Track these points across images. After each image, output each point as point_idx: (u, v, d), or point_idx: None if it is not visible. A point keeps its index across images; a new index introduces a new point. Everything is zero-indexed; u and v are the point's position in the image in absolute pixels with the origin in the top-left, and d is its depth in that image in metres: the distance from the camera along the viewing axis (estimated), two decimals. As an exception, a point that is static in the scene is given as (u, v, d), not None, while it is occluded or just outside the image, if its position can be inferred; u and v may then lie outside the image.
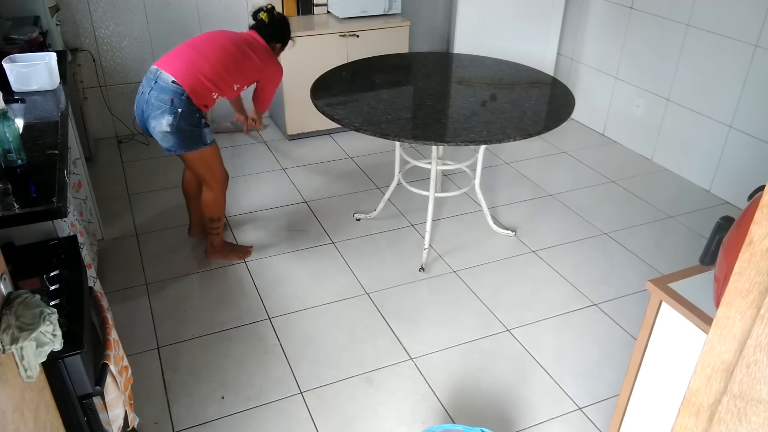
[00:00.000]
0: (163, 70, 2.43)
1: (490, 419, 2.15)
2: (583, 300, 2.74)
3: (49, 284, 1.48)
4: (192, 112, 2.44)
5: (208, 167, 2.62)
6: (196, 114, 2.46)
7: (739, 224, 1.27)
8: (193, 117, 2.45)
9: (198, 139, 2.50)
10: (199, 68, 2.45)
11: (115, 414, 1.52)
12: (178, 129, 2.43)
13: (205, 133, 2.52)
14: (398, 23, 4.06)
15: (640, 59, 3.91)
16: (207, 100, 2.50)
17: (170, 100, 2.39)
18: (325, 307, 2.66)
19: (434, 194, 2.97)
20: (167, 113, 2.40)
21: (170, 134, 2.44)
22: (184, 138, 2.46)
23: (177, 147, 2.49)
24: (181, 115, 2.41)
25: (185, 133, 2.45)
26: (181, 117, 2.42)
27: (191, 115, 2.44)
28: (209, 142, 2.55)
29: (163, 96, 2.40)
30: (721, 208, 3.47)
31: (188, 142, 2.48)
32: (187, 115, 2.43)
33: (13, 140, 1.69)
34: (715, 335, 0.82)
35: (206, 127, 2.53)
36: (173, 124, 2.42)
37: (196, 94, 2.43)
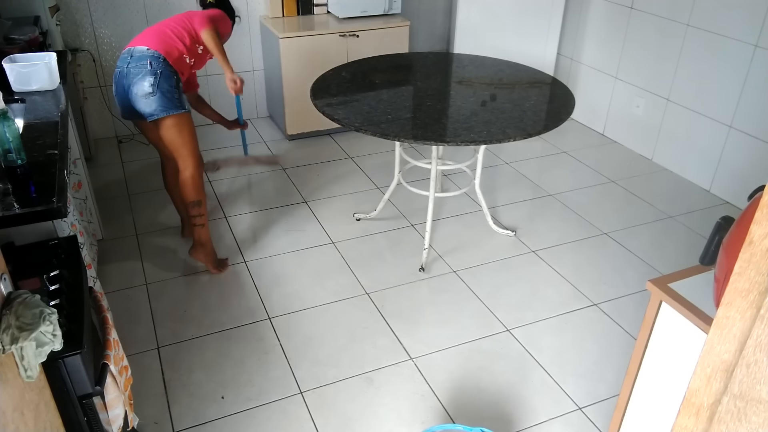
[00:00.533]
0: (136, 46, 2.55)
1: (490, 419, 2.15)
2: (583, 300, 2.74)
3: (49, 284, 1.48)
4: (170, 73, 2.53)
5: (183, 137, 2.61)
6: (174, 76, 2.55)
7: (739, 224, 1.27)
8: (172, 79, 2.54)
9: (177, 102, 2.55)
10: (168, 35, 2.58)
11: (115, 414, 1.52)
12: (160, 89, 2.50)
13: (183, 98, 2.60)
14: (398, 23, 4.06)
15: (640, 59, 3.91)
16: (181, 64, 2.60)
17: (149, 63, 2.49)
18: (325, 307, 2.66)
19: (434, 194, 2.97)
20: (148, 74, 2.48)
21: (152, 96, 2.49)
22: (165, 99, 2.51)
23: (159, 109, 2.52)
24: (161, 75, 2.50)
25: (166, 94, 2.51)
26: (161, 77, 2.50)
27: (170, 77, 2.53)
28: (186, 108, 2.61)
29: (142, 62, 2.49)
30: (721, 208, 3.47)
31: (169, 104, 2.53)
32: (167, 77, 2.51)
33: (13, 140, 1.69)
34: (715, 335, 0.82)
35: (183, 93, 2.61)
36: (154, 83, 2.48)
37: (171, 56, 2.55)
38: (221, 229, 3.18)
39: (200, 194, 2.71)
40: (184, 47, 2.61)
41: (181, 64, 2.61)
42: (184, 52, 2.61)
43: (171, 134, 2.60)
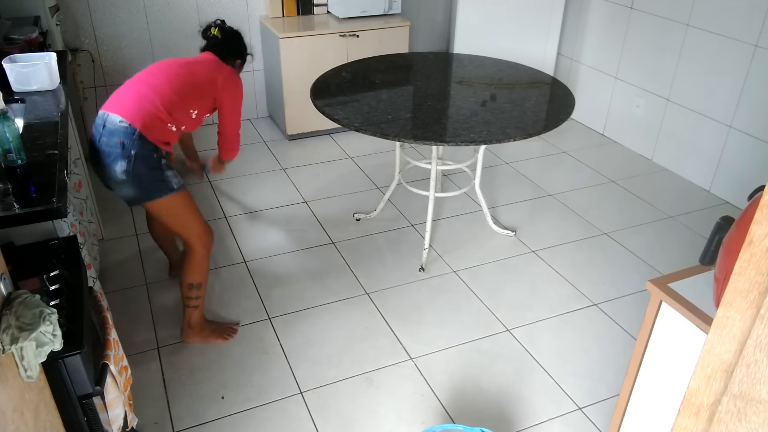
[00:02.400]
0: (110, 112, 2.10)
1: (490, 419, 2.15)
2: (583, 300, 2.73)
3: (49, 284, 1.48)
4: (149, 152, 2.09)
5: (179, 219, 2.23)
6: (154, 154, 2.10)
7: (739, 224, 1.27)
8: (151, 158, 2.09)
9: (161, 184, 2.12)
10: (149, 100, 2.11)
11: (115, 414, 1.52)
12: (135, 175, 2.07)
13: (168, 177, 2.14)
14: (398, 23, 4.06)
15: (640, 59, 3.91)
16: (165, 134, 2.15)
17: (120, 143, 2.05)
18: (325, 307, 2.66)
19: (434, 194, 2.97)
20: (119, 158, 2.06)
21: (127, 182, 2.08)
22: (143, 184, 2.10)
23: (138, 196, 2.13)
24: (135, 157, 2.06)
25: (144, 179, 2.09)
26: (137, 160, 2.06)
27: (148, 157, 2.09)
28: (176, 187, 2.15)
29: (113, 140, 2.06)
30: (721, 208, 3.47)
31: (150, 189, 2.12)
32: (143, 158, 2.07)
33: (13, 140, 1.69)
34: (715, 335, 0.82)
35: (170, 170, 2.16)
36: (128, 170, 2.06)
37: (150, 130, 2.09)
38: (222, 229, 3.18)
39: (202, 277, 2.32)
40: (169, 117, 2.15)
41: (165, 135, 2.16)
42: (168, 122, 2.15)
43: (163, 217, 2.24)
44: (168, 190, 2.14)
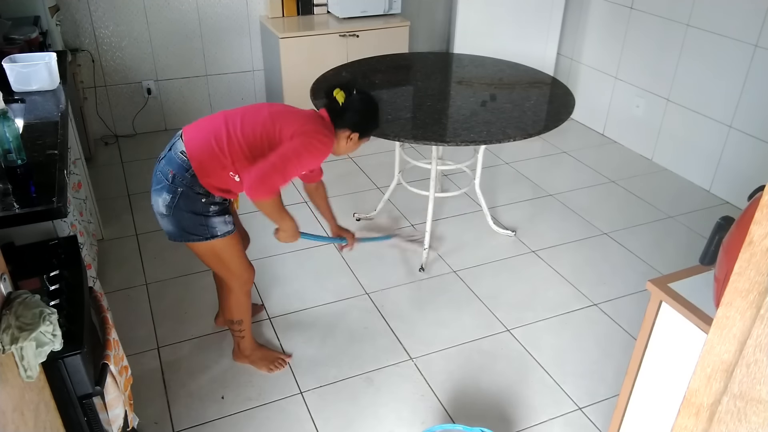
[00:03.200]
0: (183, 137, 1.94)
1: (490, 419, 2.15)
2: (583, 300, 2.73)
3: (49, 284, 1.48)
4: (195, 195, 1.90)
5: (220, 263, 2.08)
6: (202, 199, 1.91)
7: (739, 224, 1.27)
8: (197, 202, 1.91)
9: (202, 229, 1.95)
10: (218, 141, 1.89)
11: (115, 414, 1.52)
12: (175, 213, 1.92)
13: (213, 224, 1.95)
14: (398, 23, 4.06)
15: (640, 59, 3.91)
16: (223, 181, 1.92)
17: (172, 175, 1.89)
18: (325, 307, 2.66)
19: (434, 194, 2.97)
20: (165, 191, 1.91)
21: (167, 217, 1.94)
22: (182, 225, 1.94)
23: (175, 234, 1.98)
24: (180, 195, 1.89)
25: (184, 220, 1.93)
26: (181, 198, 1.90)
27: (194, 200, 1.90)
28: (219, 234, 1.97)
29: (166, 169, 1.91)
30: (721, 208, 3.47)
31: (188, 231, 1.96)
32: (187, 198, 1.90)
33: (13, 140, 1.69)
34: (715, 335, 0.82)
35: (217, 216, 1.96)
36: (170, 205, 1.91)
37: (206, 173, 1.88)
38: (221, 229, 3.18)
39: (241, 314, 2.23)
40: (231, 165, 1.89)
41: (224, 182, 1.92)
42: (229, 170, 1.90)
43: (201, 258, 2.09)
44: (208, 237, 1.96)
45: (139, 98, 4.09)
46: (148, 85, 4.07)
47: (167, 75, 4.09)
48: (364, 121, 2.03)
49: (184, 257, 2.95)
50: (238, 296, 2.17)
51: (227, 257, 2.06)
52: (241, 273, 2.12)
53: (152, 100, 4.13)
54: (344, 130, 2.01)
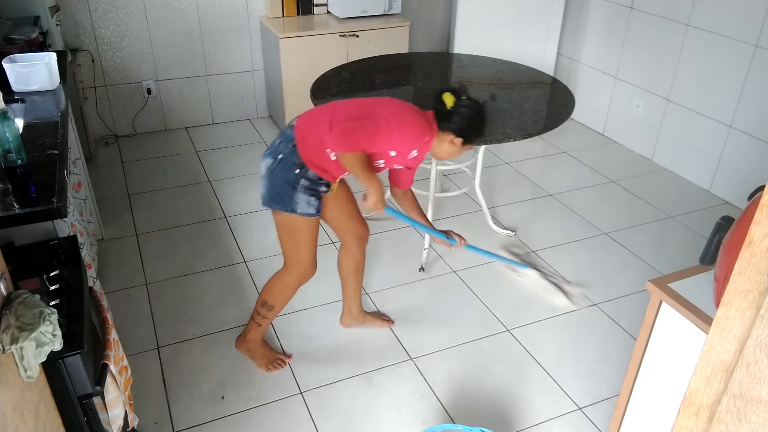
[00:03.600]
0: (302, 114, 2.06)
1: (490, 419, 2.15)
2: (583, 300, 2.73)
3: (49, 284, 1.48)
4: (291, 165, 1.97)
5: (289, 240, 2.13)
6: (296, 170, 1.97)
7: (739, 224, 1.27)
8: (290, 171, 1.97)
9: (287, 200, 2.00)
10: (323, 116, 1.98)
11: (115, 414, 1.53)
12: (270, 176, 2.00)
13: (297, 198, 2.00)
14: (398, 23, 4.05)
15: (640, 59, 3.91)
16: (321, 159, 1.97)
17: (278, 142, 2.02)
18: (325, 307, 2.66)
19: (434, 194, 2.97)
20: (269, 155, 2.02)
21: (263, 179, 2.03)
22: (272, 190, 2.02)
23: (265, 197, 2.05)
24: (279, 162, 1.98)
25: (275, 186, 2.00)
26: (279, 164, 1.98)
27: (289, 169, 1.97)
28: (300, 212, 2.01)
29: (278, 138, 2.05)
30: (721, 208, 3.47)
31: (275, 198, 2.02)
32: (284, 166, 1.98)
33: (13, 140, 1.69)
34: (715, 335, 0.82)
35: (304, 193, 1.99)
36: (269, 167, 2.00)
37: (306, 146, 1.96)
38: (222, 229, 3.18)
39: (278, 302, 2.25)
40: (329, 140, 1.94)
41: (322, 160, 1.98)
42: (327, 147, 1.96)
43: (277, 230, 2.14)
44: (290, 210, 2.02)
45: (139, 98, 4.09)
46: (148, 85, 4.07)
47: (167, 75, 4.09)
48: (469, 127, 2.00)
49: (184, 257, 2.95)
50: (287, 283, 2.21)
51: (299, 238, 2.10)
52: (304, 260, 2.16)
53: (152, 100, 4.13)
54: (447, 134, 2.00)
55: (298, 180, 1.98)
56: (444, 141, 2.01)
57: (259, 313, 2.27)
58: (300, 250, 2.14)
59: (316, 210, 2.05)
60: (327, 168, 2.00)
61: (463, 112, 1.97)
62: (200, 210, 3.34)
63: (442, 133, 2.00)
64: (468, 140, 2.03)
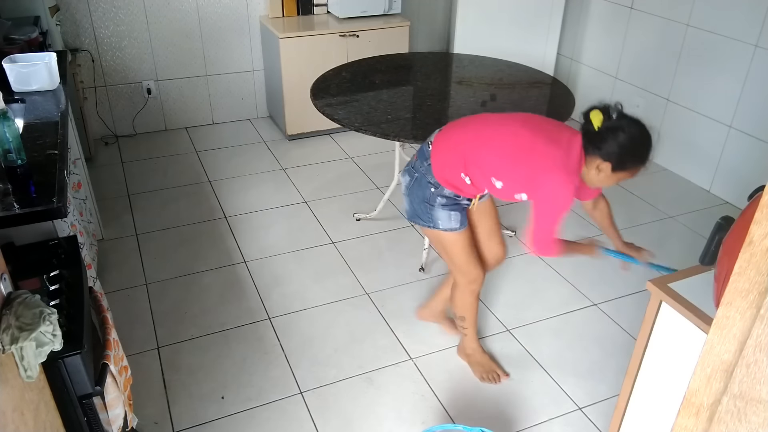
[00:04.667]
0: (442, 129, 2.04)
1: (490, 419, 2.15)
2: (583, 300, 2.73)
3: (49, 284, 1.48)
4: (426, 184, 1.98)
5: (444, 254, 2.15)
6: (431, 189, 1.98)
7: (739, 224, 1.27)
8: (426, 190, 1.99)
9: (426, 216, 2.03)
10: (461, 141, 1.93)
11: (115, 414, 1.52)
12: (410, 194, 2.06)
13: (437, 215, 2.01)
14: (398, 23, 4.06)
15: (640, 59, 3.91)
16: (453, 177, 1.94)
17: (415, 160, 2.04)
18: (325, 307, 2.66)
19: (434, 194, 2.97)
20: (407, 172, 2.06)
21: (405, 196, 2.09)
22: (412, 206, 2.07)
23: (409, 213, 2.10)
24: (415, 182, 2.02)
25: (415, 203, 2.05)
26: (415, 184, 2.02)
27: (424, 187, 1.99)
28: (442, 228, 2.02)
29: (416, 153, 2.07)
30: (721, 208, 3.47)
31: (418, 214, 2.06)
32: (419, 184, 2.00)
33: (13, 140, 1.69)
34: (715, 335, 0.82)
35: (443, 210, 2.00)
36: (408, 186, 2.05)
37: (440, 167, 1.95)
38: (222, 229, 3.18)
39: (464, 311, 2.25)
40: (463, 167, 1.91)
41: (455, 181, 1.95)
42: (461, 170, 1.92)
43: (431, 241, 2.19)
44: (432, 226, 2.04)
45: (139, 98, 4.09)
46: (148, 85, 4.07)
47: (167, 75, 4.10)
48: (621, 151, 1.73)
49: (184, 257, 2.95)
50: (463, 292, 2.19)
51: (451, 252, 2.09)
52: (467, 270, 2.13)
53: (152, 100, 4.13)
54: (594, 159, 1.77)
55: (434, 198, 1.99)
56: (591, 166, 1.80)
57: (458, 324, 2.32)
58: (457, 261, 2.12)
59: (459, 224, 2.03)
60: (460, 188, 1.97)
61: (613, 135, 1.73)
62: (200, 210, 3.34)
63: (590, 157, 1.78)
64: (619, 166, 1.75)
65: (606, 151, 1.74)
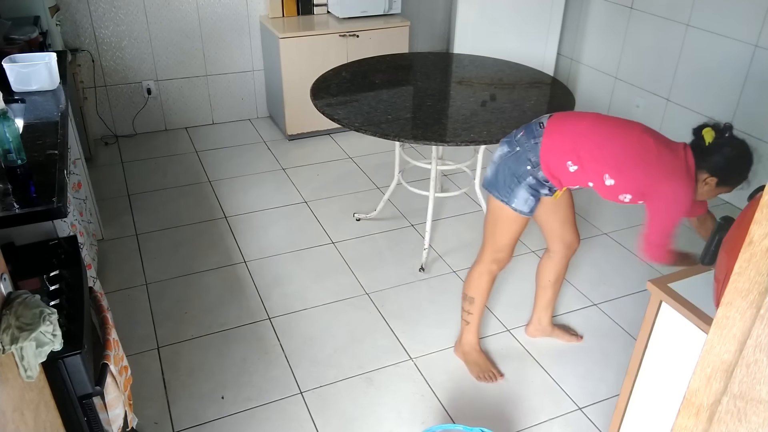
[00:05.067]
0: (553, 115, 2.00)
1: (490, 419, 2.15)
2: (583, 300, 2.73)
3: (49, 284, 1.48)
4: (526, 160, 1.95)
5: (493, 227, 2.13)
6: (527, 166, 1.95)
7: (739, 224, 1.28)
8: (522, 166, 1.96)
9: (506, 190, 2.00)
10: (578, 131, 1.93)
11: (115, 414, 1.52)
12: (501, 164, 2.01)
13: (516, 193, 1.99)
14: (398, 23, 4.06)
15: (640, 59, 3.91)
16: (557, 166, 1.93)
17: (521, 134, 1.99)
18: (325, 307, 2.66)
19: (434, 194, 2.97)
20: (507, 143, 2.02)
21: (494, 164, 2.04)
22: (497, 176, 2.02)
23: (489, 181, 2.06)
24: (514, 153, 1.97)
25: (501, 173, 2.01)
26: (513, 155, 1.97)
27: (522, 163, 1.96)
28: (514, 206, 2.01)
29: (520, 129, 2.02)
30: (721, 208, 3.47)
31: (497, 185, 2.02)
32: (517, 159, 1.97)
33: (13, 140, 1.69)
34: (715, 335, 0.82)
35: (525, 190, 1.98)
36: (502, 155, 2.01)
37: (548, 149, 1.92)
38: (221, 229, 3.18)
39: (476, 292, 2.25)
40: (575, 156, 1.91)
41: (558, 167, 1.94)
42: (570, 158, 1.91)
43: (487, 213, 2.15)
44: (506, 201, 2.02)
45: (139, 98, 4.09)
46: (148, 85, 4.07)
47: (167, 75, 4.10)
48: (728, 167, 1.87)
49: (184, 257, 2.95)
50: (481, 269, 2.20)
51: (504, 228, 2.10)
52: (502, 248, 2.14)
53: (152, 100, 4.13)
54: (702, 172, 1.89)
55: (526, 176, 1.97)
56: (699, 181, 1.91)
57: (464, 308, 2.30)
58: (499, 238, 2.13)
59: (530, 210, 2.03)
60: (560, 177, 1.96)
61: (724, 152, 1.85)
62: (200, 210, 3.34)
63: (698, 171, 1.90)
64: (724, 182, 1.89)
65: (714, 165, 1.87)
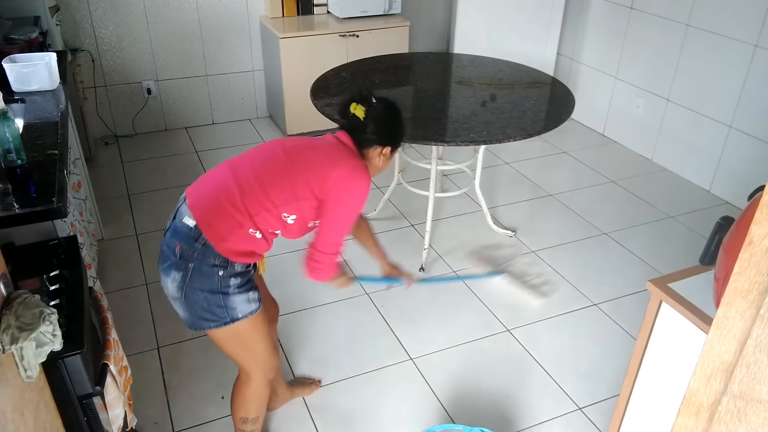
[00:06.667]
0: (186, 200, 1.60)
1: (490, 419, 2.15)
2: (583, 300, 2.73)
3: (49, 284, 1.48)
4: (210, 269, 1.54)
5: (242, 350, 1.71)
6: (219, 272, 1.55)
7: (739, 224, 1.27)
8: (212, 277, 1.55)
9: (220, 311, 1.58)
10: (229, 194, 1.56)
11: (115, 414, 1.52)
12: (188, 294, 1.56)
13: (234, 303, 1.59)
14: (398, 23, 4.05)
15: (640, 59, 3.91)
16: (241, 242, 1.56)
17: (179, 249, 1.55)
18: (325, 307, 2.66)
19: (434, 194, 2.97)
20: (174, 268, 1.56)
21: (179, 300, 1.58)
22: (197, 308, 1.58)
23: (190, 321, 1.61)
24: (192, 272, 1.54)
25: (199, 302, 1.57)
26: (193, 275, 1.54)
27: (209, 275, 1.55)
28: (241, 316, 1.61)
29: (173, 241, 1.57)
30: (721, 208, 3.47)
31: (203, 317, 1.59)
32: (201, 274, 1.55)
33: (13, 140, 1.69)
34: (715, 335, 0.82)
35: (239, 293, 1.60)
36: (181, 285, 1.56)
37: (220, 236, 1.53)
38: (221, 229, 3.18)
39: (259, 410, 1.86)
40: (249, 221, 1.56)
41: (245, 243, 1.58)
42: (249, 227, 1.56)
43: (220, 346, 1.71)
44: (227, 321, 1.60)
45: (139, 98, 4.09)
46: (148, 85, 4.07)
47: (167, 75, 4.09)
48: (393, 130, 1.71)
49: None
50: (258, 388, 1.79)
51: (251, 342, 1.69)
52: (265, 359, 1.75)
53: (152, 100, 4.13)
54: (374, 148, 1.68)
55: (227, 282, 1.57)
56: (374, 157, 1.70)
57: (245, 429, 1.88)
58: (257, 352, 1.72)
59: (257, 301, 1.66)
60: (253, 249, 1.61)
61: (380, 119, 1.66)
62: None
63: (367, 150, 1.69)
64: (396, 145, 1.73)
65: (384, 135, 1.68)
